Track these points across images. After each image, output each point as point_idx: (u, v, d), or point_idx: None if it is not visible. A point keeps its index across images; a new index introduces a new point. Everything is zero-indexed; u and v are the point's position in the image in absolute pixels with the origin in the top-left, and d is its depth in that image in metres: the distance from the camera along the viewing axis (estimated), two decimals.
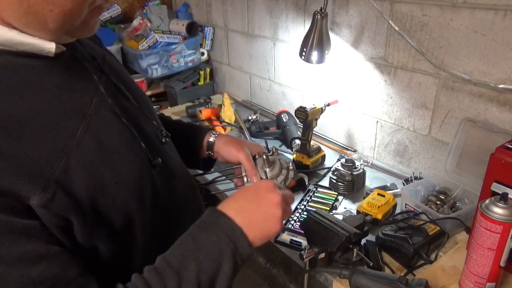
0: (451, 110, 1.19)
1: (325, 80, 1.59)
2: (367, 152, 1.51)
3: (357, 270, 0.78)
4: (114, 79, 0.67)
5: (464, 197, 1.11)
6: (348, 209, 1.18)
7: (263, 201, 0.63)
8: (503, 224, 0.72)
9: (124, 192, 0.58)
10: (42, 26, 0.50)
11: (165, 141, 0.74)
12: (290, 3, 1.61)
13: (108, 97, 0.61)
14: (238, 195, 0.66)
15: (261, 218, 0.62)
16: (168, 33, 2.07)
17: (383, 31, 1.30)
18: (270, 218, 0.62)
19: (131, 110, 0.67)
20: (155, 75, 2.06)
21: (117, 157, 0.58)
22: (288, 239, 1.03)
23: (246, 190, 0.66)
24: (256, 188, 0.66)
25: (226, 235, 0.58)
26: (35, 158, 0.48)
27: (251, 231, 0.60)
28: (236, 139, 0.91)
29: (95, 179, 0.54)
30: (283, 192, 0.66)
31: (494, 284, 0.79)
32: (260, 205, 0.63)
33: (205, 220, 0.61)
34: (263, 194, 0.64)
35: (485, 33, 1.04)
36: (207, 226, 0.60)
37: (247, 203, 0.63)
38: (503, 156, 0.81)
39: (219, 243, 0.57)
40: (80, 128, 0.54)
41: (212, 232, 0.58)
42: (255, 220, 0.62)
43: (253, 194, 0.64)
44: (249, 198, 0.64)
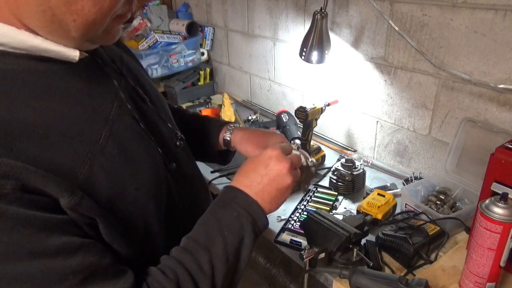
0: (451, 110, 1.19)
1: (325, 80, 1.59)
2: (367, 152, 1.51)
3: (357, 270, 0.78)
4: (132, 81, 0.67)
5: (464, 197, 1.11)
6: (348, 209, 1.18)
7: (273, 173, 0.65)
8: (503, 224, 0.71)
9: (144, 198, 0.59)
10: (66, 34, 0.50)
11: (179, 144, 0.74)
12: (290, 3, 1.61)
13: (127, 102, 0.62)
14: (248, 169, 0.67)
15: (273, 190, 0.64)
16: (168, 33, 2.07)
17: (383, 31, 1.30)
18: (281, 188, 0.65)
19: (148, 114, 0.67)
20: (155, 75, 2.06)
21: (138, 163, 0.59)
22: (288, 239, 1.03)
23: (255, 164, 0.66)
24: (265, 159, 0.66)
25: (245, 210, 0.61)
26: (61, 163, 0.49)
27: (265, 203, 0.64)
28: (253, 133, 0.88)
29: (117, 185, 0.55)
30: (291, 157, 0.67)
31: (494, 284, 0.79)
32: (270, 177, 0.64)
33: (224, 199, 0.64)
34: (272, 165, 0.65)
35: (485, 33, 1.04)
36: (226, 204, 0.63)
37: (258, 178, 0.65)
38: (503, 156, 0.81)
39: (239, 219, 0.61)
40: (103, 133, 0.54)
41: (232, 209, 0.61)
42: (267, 192, 0.64)
43: (263, 166, 0.65)
44: (260, 172, 0.65)
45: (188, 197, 0.74)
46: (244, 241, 0.60)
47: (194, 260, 0.57)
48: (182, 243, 0.60)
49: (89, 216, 0.51)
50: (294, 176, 0.67)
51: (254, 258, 1.34)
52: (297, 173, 0.69)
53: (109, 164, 0.54)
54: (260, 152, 0.67)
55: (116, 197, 0.54)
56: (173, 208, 0.68)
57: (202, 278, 0.57)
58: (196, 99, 2.09)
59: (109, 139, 0.55)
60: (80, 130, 0.52)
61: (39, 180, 0.47)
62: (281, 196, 0.66)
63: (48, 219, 0.47)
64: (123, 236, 0.56)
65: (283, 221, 1.11)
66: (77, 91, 0.54)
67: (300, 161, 0.71)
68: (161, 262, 0.58)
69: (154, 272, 0.57)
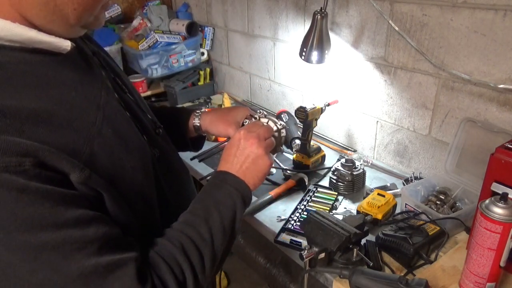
0: (451, 110, 1.19)
1: (325, 80, 1.59)
2: (367, 152, 1.51)
3: (357, 270, 0.78)
4: (111, 73, 0.71)
5: (464, 197, 1.11)
6: (348, 209, 1.18)
7: (246, 150, 0.74)
8: (503, 224, 0.72)
9: (139, 177, 0.63)
10: (64, 23, 0.55)
11: (159, 132, 0.79)
12: (290, 3, 1.61)
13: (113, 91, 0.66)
14: (226, 155, 0.76)
15: (251, 165, 0.74)
16: (168, 33, 2.07)
17: (383, 31, 1.30)
18: (256, 161, 0.74)
19: (130, 103, 0.72)
20: (155, 75, 2.06)
21: (130, 144, 0.63)
22: (288, 239, 1.03)
23: (230, 148, 0.76)
24: (235, 141, 0.76)
25: (235, 189, 0.70)
26: (66, 144, 0.53)
27: (249, 178, 0.73)
28: (220, 112, 0.94)
29: (116, 164, 0.59)
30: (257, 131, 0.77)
31: (494, 284, 0.79)
32: (245, 155, 0.74)
33: (215, 181, 0.73)
34: (242, 145, 0.75)
35: (485, 33, 1.04)
36: (218, 184, 0.72)
37: (235, 159, 0.74)
38: (503, 156, 0.81)
39: (231, 195, 0.70)
40: (98, 117, 0.58)
41: (224, 188, 0.71)
42: (246, 168, 0.74)
43: (235, 148, 0.75)
44: (235, 154, 0.75)
45: (174, 183, 0.79)
46: (236, 214, 0.69)
47: (195, 230, 0.64)
48: (182, 217, 0.67)
49: (97, 190, 0.55)
50: (265, 146, 0.76)
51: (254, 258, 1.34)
52: (268, 142, 0.78)
53: (106, 144, 0.58)
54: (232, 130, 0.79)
55: (117, 174, 0.59)
56: (162, 194, 0.72)
57: (204, 244, 0.63)
58: (196, 99, 2.09)
59: (103, 122, 0.59)
60: (78, 114, 0.56)
61: (54, 157, 0.50)
62: (260, 167, 0.74)
63: (65, 194, 0.51)
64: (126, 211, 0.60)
65: (283, 221, 1.11)
66: (70, 80, 0.58)
67: (269, 131, 0.79)
68: (165, 234, 0.64)
69: (160, 242, 0.62)
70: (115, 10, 2.16)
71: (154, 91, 2.19)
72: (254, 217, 1.15)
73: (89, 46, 0.70)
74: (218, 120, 0.92)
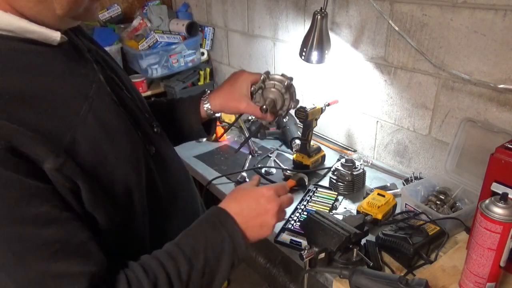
0: (451, 110, 1.19)
1: (325, 80, 1.59)
2: (367, 152, 1.51)
3: (357, 270, 0.78)
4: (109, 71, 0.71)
5: (464, 197, 1.11)
6: (348, 209, 1.18)
7: (262, 210, 0.70)
8: (503, 224, 0.72)
9: (123, 168, 0.62)
10: (51, 13, 0.55)
11: (157, 131, 0.78)
12: (290, 3, 1.61)
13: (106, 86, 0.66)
14: (240, 198, 0.72)
15: (257, 225, 0.70)
16: (168, 33, 2.07)
17: (383, 31, 1.30)
18: (264, 226, 0.70)
19: (126, 101, 0.72)
20: (155, 75, 2.06)
21: (117, 137, 0.62)
22: (288, 239, 1.03)
23: (248, 196, 0.72)
24: (257, 195, 0.71)
25: (230, 238, 0.66)
26: (47, 128, 0.52)
27: (248, 234, 0.69)
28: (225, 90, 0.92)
29: (99, 153, 0.58)
30: (282, 199, 0.73)
31: (494, 284, 0.79)
32: (259, 213, 0.70)
33: (213, 219, 0.68)
34: (263, 203, 0.70)
35: (485, 33, 1.04)
36: (215, 225, 0.67)
37: (247, 210, 0.70)
38: (503, 156, 0.81)
39: (222, 243, 0.65)
40: (84, 107, 0.58)
41: (220, 233, 0.66)
42: (251, 225, 0.69)
43: (254, 201, 0.70)
44: (250, 205, 0.70)
45: (170, 181, 0.77)
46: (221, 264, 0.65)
47: (175, 267, 0.61)
48: (167, 247, 0.64)
49: (72, 180, 0.53)
50: (280, 217, 0.72)
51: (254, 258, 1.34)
52: (283, 215, 0.74)
53: (90, 134, 0.58)
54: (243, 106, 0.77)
55: (98, 163, 0.58)
56: (156, 192, 0.71)
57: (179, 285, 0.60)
58: None
59: (89, 112, 0.59)
60: (64, 102, 0.56)
61: (27, 142, 0.49)
62: (261, 232, 0.71)
63: (31, 186, 0.49)
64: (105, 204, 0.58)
65: (283, 221, 1.11)
66: (59, 70, 0.59)
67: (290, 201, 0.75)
68: (142, 260, 0.61)
69: (135, 266, 0.59)
70: (115, 10, 2.16)
71: (154, 91, 2.18)
72: None
73: (85, 43, 0.70)
74: (227, 100, 0.91)
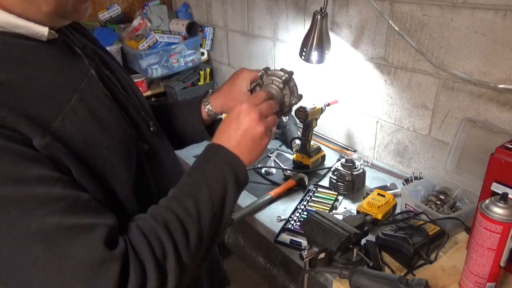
0: (451, 110, 1.19)
1: (325, 80, 1.59)
2: (367, 152, 1.51)
3: (357, 270, 0.78)
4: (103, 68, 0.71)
5: (464, 197, 1.11)
6: (348, 209, 1.18)
7: (244, 126, 0.69)
8: (503, 224, 0.72)
9: (114, 158, 0.61)
10: (38, 10, 0.55)
11: (153, 130, 0.77)
12: (290, 3, 1.61)
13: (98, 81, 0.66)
14: (224, 127, 0.71)
15: (248, 141, 0.69)
16: (168, 33, 2.07)
17: (383, 31, 1.30)
18: (255, 138, 0.69)
19: (120, 97, 0.71)
20: (155, 75, 2.06)
21: (107, 127, 0.62)
22: (288, 239, 1.03)
23: (229, 120, 0.71)
24: (235, 115, 0.70)
25: (227, 164, 0.65)
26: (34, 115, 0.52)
27: (244, 155, 0.68)
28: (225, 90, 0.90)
29: (89, 140, 0.58)
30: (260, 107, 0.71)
31: (494, 284, 0.79)
32: (243, 130, 0.69)
33: (206, 154, 0.68)
34: (242, 119, 0.69)
35: (485, 33, 1.04)
36: (209, 158, 0.67)
37: (233, 132, 0.69)
38: (503, 156, 0.81)
39: (222, 171, 0.65)
40: (74, 97, 0.59)
41: (215, 163, 0.66)
42: (243, 144, 0.68)
43: (235, 121, 0.69)
44: (233, 127, 0.69)
45: (164, 180, 0.76)
46: (227, 191, 0.64)
47: (180, 205, 0.60)
48: (170, 193, 0.64)
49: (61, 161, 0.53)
50: (266, 124, 0.70)
51: (254, 258, 1.34)
52: (270, 120, 0.72)
53: (80, 122, 0.58)
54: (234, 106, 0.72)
55: (89, 150, 0.57)
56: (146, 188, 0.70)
57: (189, 220, 0.59)
58: None
59: (79, 102, 0.59)
60: (53, 92, 0.57)
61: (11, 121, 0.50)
62: (257, 146, 0.70)
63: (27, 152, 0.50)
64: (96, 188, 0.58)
65: (283, 221, 1.11)
66: (49, 64, 0.59)
67: (272, 107, 0.73)
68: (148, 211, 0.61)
69: (142, 216, 0.59)
70: (115, 10, 2.16)
71: (154, 91, 2.18)
72: (254, 217, 1.15)
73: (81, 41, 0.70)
74: (227, 100, 0.89)
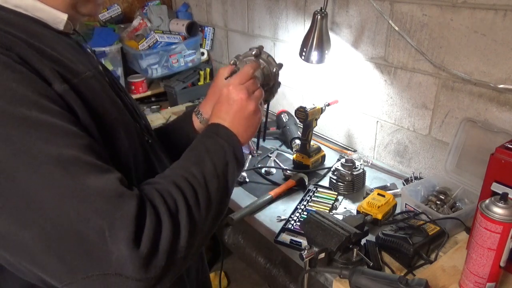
0: (451, 110, 1.19)
1: (325, 80, 1.59)
2: (367, 152, 1.51)
3: (357, 270, 0.78)
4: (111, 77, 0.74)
5: (464, 197, 1.11)
6: (348, 209, 1.18)
7: (236, 105, 0.72)
8: (503, 224, 0.72)
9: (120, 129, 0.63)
10: None
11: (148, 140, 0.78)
12: (290, 3, 1.61)
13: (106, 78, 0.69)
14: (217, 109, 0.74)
15: (242, 119, 0.72)
16: (168, 33, 2.07)
17: (383, 31, 1.30)
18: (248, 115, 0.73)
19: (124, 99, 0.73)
20: (155, 75, 2.06)
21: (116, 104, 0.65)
22: (288, 239, 1.03)
23: (220, 103, 0.74)
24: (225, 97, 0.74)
25: (226, 141, 0.69)
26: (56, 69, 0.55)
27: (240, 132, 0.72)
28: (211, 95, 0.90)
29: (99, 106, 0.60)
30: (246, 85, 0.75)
31: (494, 284, 0.79)
32: (235, 109, 0.72)
33: (207, 132, 0.71)
34: (232, 99, 0.73)
35: (485, 33, 1.04)
36: (210, 135, 0.70)
37: (225, 114, 0.72)
38: (503, 156, 0.81)
39: (222, 147, 0.68)
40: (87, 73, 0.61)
41: (216, 139, 0.69)
42: (238, 123, 0.72)
43: (226, 104, 0.73)
44: (225, 108, 0.73)
45: None
46: (229, 165, 0.67)
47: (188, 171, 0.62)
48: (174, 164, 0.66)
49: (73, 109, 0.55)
50: (255, 99, 0.74)
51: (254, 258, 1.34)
52: (257, 94, 0.76)
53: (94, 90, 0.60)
54: None
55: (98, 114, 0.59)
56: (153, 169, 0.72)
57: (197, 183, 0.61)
58: (196, 99, 2.09)
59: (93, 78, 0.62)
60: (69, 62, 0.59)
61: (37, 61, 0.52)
62: (251, 123, 0.74)
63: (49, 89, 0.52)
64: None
65: (283, 221, 1.11)
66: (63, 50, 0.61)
67: (255, 83, 0.77)
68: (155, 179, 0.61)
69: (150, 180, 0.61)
70: (115, 10, 2.16)
71: (154, 91, 2.19)
72: (254, 217, 1.15)
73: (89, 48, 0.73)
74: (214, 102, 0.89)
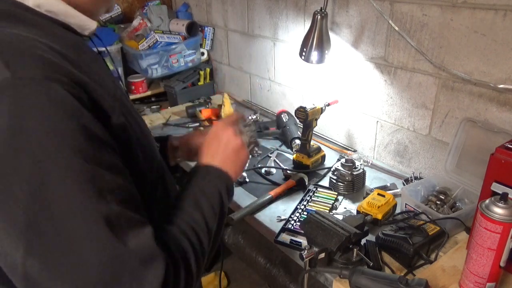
0: (451, 110, 1.19)
1: (325, 80, 1.59)
2: (367, 152, 1.51)
3: (357, 270, 0.78)
4: None
5: (464, 197, 1.11)
6: (348, 209, 1.18)
7: (225, 140, 0.77)
8: (503, 224, 0.72)
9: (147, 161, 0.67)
10: None
11: None
12: (290, 3, 1.61)
13: None
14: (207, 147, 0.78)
15: (231, 154, 0.76)
16: (168, 33, 2.07)
17: (383, 31, 1.30)
18: (236, 149, 0.77)
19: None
20: (155, 75, 2.06)
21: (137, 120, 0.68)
22: (288, 239, 1.03)
23: (210, 140, 0.79)
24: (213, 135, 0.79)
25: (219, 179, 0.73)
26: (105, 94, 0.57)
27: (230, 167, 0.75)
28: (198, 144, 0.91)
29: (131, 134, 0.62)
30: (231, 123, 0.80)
31: (494, 284, 0.79)
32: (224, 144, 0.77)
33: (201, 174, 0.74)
34: (221, 135, 0.78)
35: (485, 33, 1.04)
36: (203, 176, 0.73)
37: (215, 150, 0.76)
38: (503, 156, 0.81)
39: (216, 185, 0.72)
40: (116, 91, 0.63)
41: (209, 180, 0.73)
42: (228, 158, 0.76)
43: (215, 139, 0.78)
44: (215, 145, 0.77)
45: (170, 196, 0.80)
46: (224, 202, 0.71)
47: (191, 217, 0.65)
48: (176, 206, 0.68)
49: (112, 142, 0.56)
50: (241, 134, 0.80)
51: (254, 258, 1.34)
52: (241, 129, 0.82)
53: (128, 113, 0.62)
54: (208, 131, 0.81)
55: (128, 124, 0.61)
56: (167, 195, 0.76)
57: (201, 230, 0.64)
58: (196, 99, 2.08)
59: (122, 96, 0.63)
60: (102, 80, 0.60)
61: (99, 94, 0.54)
62: (239, 157, 0.77)
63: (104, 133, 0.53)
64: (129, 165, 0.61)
65: (283, 221, 1.11)
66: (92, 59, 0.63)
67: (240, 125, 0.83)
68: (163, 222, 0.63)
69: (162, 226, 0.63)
70: (115, 10, 2.16)
71: (154, 91, 2.19)
72: (254, 217, 1.15)
73: None
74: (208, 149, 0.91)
